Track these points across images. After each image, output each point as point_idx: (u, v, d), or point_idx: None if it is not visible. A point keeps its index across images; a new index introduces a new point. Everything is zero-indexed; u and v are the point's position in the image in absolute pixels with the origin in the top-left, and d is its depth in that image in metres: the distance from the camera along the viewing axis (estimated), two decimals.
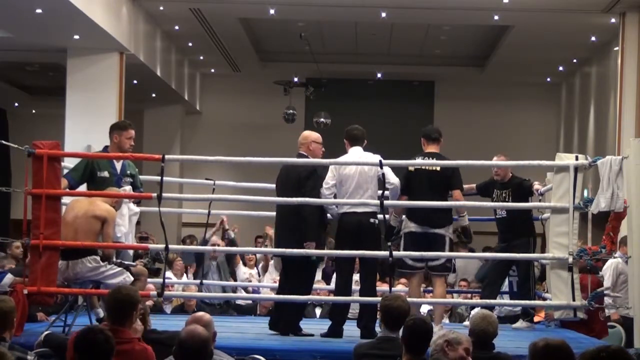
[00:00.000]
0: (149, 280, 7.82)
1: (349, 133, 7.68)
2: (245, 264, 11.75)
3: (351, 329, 7.42)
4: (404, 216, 7.73)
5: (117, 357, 4.37)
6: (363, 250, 7.27)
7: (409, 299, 6.93)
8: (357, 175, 7.45)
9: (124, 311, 4.94)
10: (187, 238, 13.19)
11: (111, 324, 4.87)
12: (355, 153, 7.59)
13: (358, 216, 7.36)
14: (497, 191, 8.61)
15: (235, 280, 11.46)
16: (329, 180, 7.53)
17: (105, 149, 7.78)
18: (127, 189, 7.61)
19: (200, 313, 5.18)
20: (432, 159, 7.64)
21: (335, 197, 7.55)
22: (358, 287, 7.93)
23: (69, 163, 8.27)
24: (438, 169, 7.63)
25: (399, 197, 7.60)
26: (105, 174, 7.54)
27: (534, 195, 8.44)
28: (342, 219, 7.48)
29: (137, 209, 7.90)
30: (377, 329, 7.02)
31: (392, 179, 7.47)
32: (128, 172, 7.78)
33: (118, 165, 7.69)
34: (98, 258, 7.03)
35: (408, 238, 7.60)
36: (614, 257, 8.27)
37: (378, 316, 7.10)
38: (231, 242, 11.52)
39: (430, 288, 10.16)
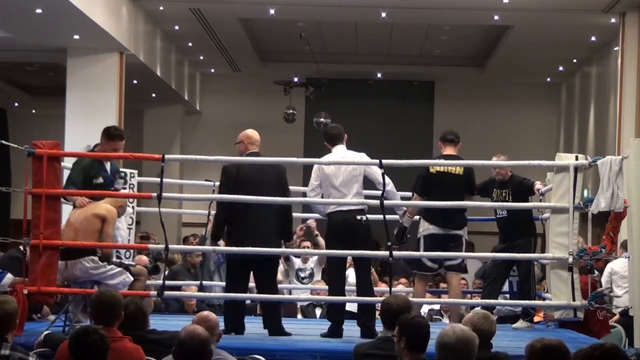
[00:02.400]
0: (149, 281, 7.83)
1: (327, 134, 7.63)
2: None
3: (351, 329, 7.42)
4: (417, 217, 7.72)
5: (109, 355, 4.40)
6: (353, 248, 7.24)
7: (415, 299, 6.95)
8: (340, 175, 7.41)
9: (110, 312, 4.99)
10: (191, 236, 13.17)
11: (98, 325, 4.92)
12: (339, 152, 7.55)
13: (344, 214, 7.32)
14: (496, 190, 8.56)
15: None
16: (313, 181, 7.50)
17: (95, 148, 7.70)
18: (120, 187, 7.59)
19: (206, 313, 5.15)
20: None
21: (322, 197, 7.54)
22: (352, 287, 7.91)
23: (69, 163, 8.26)
24: (460, 173, 7.64)
25: (414, 198, 7.61)
26: (100, 180, 7.46)
27: (534, 195, 8.42)
28: (330, 219, 7.42)
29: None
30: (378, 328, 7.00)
31: (386, 179, 7.44)
32: (120, 171, 7.77)
33: (108, 167, 7.64)
34: (96, 258, 7.02)
35: (428, 240, 7.60)
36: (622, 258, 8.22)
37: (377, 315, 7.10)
38: None
39: (432, 289, 10.16)
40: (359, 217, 7.30)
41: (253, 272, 7.49)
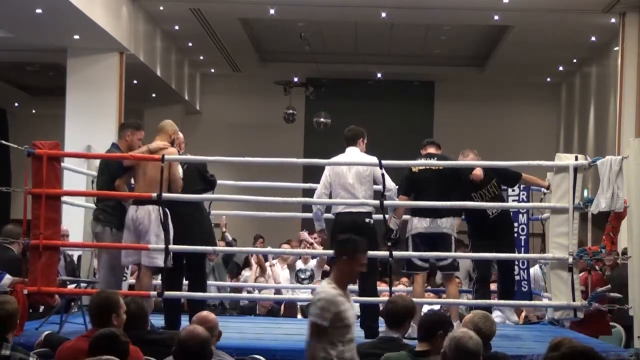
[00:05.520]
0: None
1: (344, 134, 7.70)
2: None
3: None
4: (408, 216, 7.71)
5: None
6: None
7: (414, 299, 6.93)
8: (350, 176, 7.43)
9: (105, 313, 4.98)
10: None
11: (95, 327, 4.94)
12: (351, 154, 7.58)
13: (353, 216, 7.34)
14: (483, 190, 7.86)
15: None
16: (322, 189, 7.50)
17: (114, 145, 7.67)
18: None
19: (205, 313, 5.15)
20: (433, 159, 7.64)
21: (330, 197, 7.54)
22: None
23: (68, 163, 8.27)
24: (441, 167, 7.62)
25: (399, 199, 7.60)
26: None
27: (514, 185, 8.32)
28: (337, 219, 7.46)
29: None
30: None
31: (389, 184, 7.45)
32: None
33: None
34: (159, 209, 7.05)
35: (417, 239, 7.57)
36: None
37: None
38: (228, 245, 11.45)
39: (431, 287, 10.15)
40: (367, 220, 7.31)
41: (186, 270, 7.48)
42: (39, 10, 11.64)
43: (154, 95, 17.76)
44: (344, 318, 4.83)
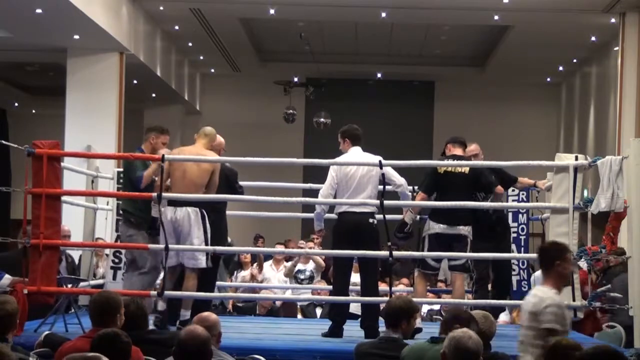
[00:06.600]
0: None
1: (350, 132, 7.63)
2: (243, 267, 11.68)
3: (351, 329, 7.42)
4: (419, 216, 7.70)
5: None
6: (361, 250, 7.25)
7: (416, 299, 6.94)
8: (357, 175, 7.42)
9: (106, 314, 4.98)
10: None
11: (95, 327, 4.93)
12: (356, 153, 7.56)
13: (357, 216, 7.34)
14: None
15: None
16: (329, 189, 7.48)
17: (139, 149, 7.69)
18: None
19: (206, 313, 5.15)
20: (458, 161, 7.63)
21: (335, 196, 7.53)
22: (356, 287, 7.90)
23: (68, 163, 8.27)
24: (467, 171, 7.59)
25: (418, 195, 7.59)
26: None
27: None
28: (340, 218, 7.45)
29: None
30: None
31: (398, 179, 7.44)
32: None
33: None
34: (197, 211, 7.13)
35: (434, 239, 7.55)
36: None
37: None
38: (227, 246, 11.42)
39: (432, 288, 10.15)
40: (370, 220, 7.31)
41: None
42: (39, 10, 11.64)
43: (154, 95, 17.76)
44: (567, 324, 5.05)
